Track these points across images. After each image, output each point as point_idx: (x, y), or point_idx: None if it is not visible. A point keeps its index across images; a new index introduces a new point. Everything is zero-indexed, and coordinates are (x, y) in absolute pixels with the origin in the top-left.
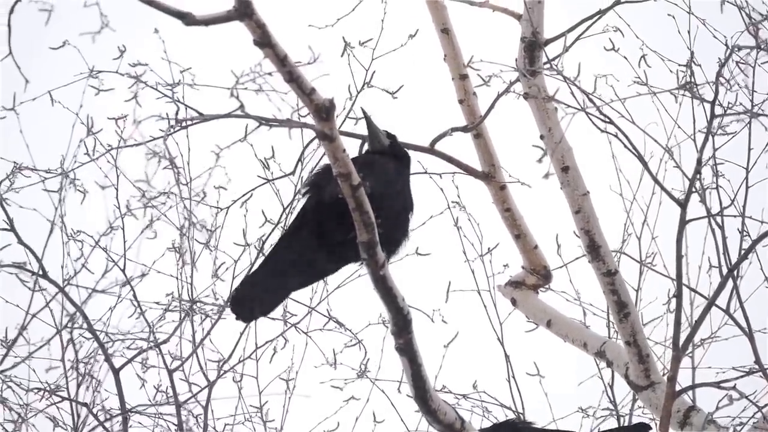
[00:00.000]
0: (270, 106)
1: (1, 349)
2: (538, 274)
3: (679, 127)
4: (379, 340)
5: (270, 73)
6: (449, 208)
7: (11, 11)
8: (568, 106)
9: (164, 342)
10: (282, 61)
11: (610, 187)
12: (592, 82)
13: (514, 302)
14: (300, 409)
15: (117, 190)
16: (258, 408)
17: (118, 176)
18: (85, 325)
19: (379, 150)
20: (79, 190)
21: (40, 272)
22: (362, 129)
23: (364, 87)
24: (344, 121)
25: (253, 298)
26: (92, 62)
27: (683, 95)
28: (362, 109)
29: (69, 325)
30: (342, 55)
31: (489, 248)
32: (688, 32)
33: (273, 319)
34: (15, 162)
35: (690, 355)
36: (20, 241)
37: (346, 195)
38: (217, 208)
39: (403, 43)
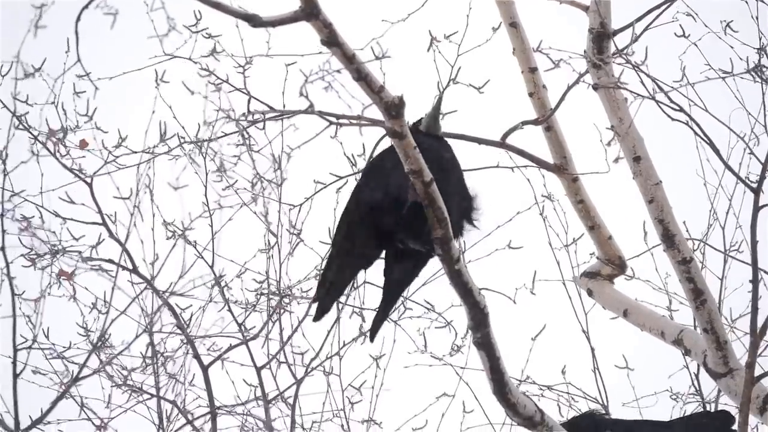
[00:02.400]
0: (340, 103)
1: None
2: (613, 264)
3: (749, 113)
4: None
5: (339, 71)
6: (537, 203)
7: (78, 19)
8: (638, 95)
9: (253, 338)
10: (350, 60)
11: (696, 172)
12: (663, 70)
13: (590, 293)
14: (387, 403)
15: (205, 187)
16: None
17: (207, 172)
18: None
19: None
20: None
21: (131, 267)
22: None
23: (450, 83)
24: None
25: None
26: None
27: (755, 81)
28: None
29: (150, 322)
30: (428, 50)
31: (574, 238)
32: (756, 18)
33: (357, 308)
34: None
35: None
36: (111, 236)
37: (419, 192)
38: (290, 205)
39: (488, 39)
